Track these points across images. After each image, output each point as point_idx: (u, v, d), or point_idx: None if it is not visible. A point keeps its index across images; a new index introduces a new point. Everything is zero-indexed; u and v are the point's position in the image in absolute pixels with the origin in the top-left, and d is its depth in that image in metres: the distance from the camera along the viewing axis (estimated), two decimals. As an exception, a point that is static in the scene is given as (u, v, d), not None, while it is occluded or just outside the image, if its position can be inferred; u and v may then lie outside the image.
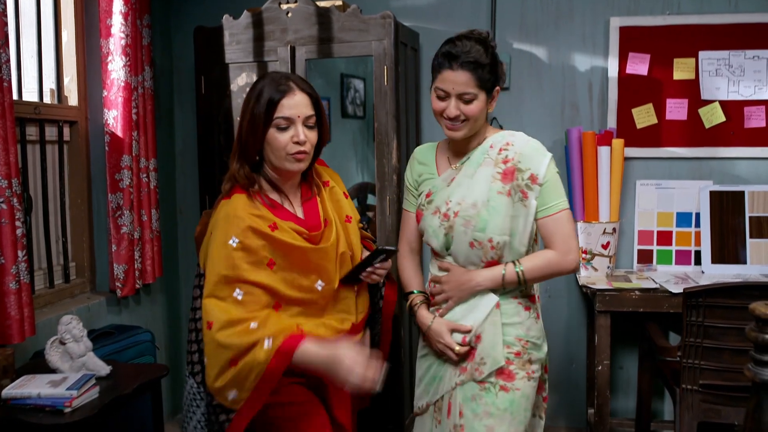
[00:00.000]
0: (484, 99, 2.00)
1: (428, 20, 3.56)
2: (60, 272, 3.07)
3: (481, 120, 2.04)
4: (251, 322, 1.80)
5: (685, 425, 2.66)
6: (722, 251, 3.31)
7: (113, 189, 3.11)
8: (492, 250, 1.99)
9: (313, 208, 2.04)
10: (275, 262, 1.87)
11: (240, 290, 1.82)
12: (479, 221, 1.98)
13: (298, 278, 1.90)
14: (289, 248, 1.88)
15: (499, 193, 1.98)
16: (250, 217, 1.86)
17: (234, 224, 1.85)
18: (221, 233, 1.86)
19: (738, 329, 2.50)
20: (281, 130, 1.89)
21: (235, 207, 1.88)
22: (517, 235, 1.99)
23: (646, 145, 3.42)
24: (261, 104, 1.89)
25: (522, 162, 1.98)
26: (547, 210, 1.98)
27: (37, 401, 2.20)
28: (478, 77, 1.96)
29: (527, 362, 2.02)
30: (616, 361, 3.54)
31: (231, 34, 3.27)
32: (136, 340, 2.99)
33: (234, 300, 1.82)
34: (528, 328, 2.04)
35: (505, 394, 1.99)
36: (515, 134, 2.06)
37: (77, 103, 3.12)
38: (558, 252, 1.98)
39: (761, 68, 3.32)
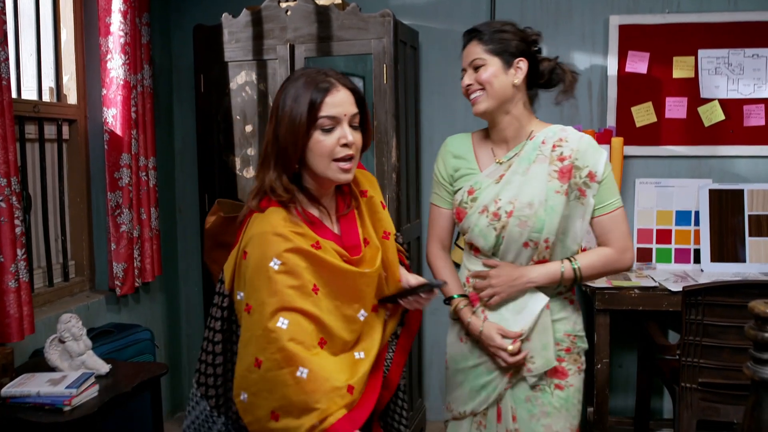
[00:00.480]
0: (499, 65, 1.92)
1: (428, 19, 3.56)
2: (59, 271, 3.07)
3: (503, 88, 1.93)
4: (299, 366, 1.55)
5: (685, 423, 2.66)
6: (721, 250, 3.31)
7: (112, 187, 3.11)
8: (546, 249, 1.94)
9: (352, 225, 1.78)
10: (319, 288, 1.62)
11: (285, 320, 1.56)
12: (536, 221, 1.90)
13: (342, 306, 1.66)
14: (334, 271, 1.63)
15: (557, 192, 1.90)
16: (292, 234, 1.61)
17: (274, 243, 1.60)
18: (259, 254, 1.60)
19: (737, 327, 2.50)
20: (326, 132, 1.65)
21: (274, 223, 1.63)
22: (571, 234, 1.95)
23: (646, 144, 3.42)
24: (300, 104, 1.64)
25: (579, 159, 1.91)
26: (604, 208, 1.94)
27: (36, 400, 2.20)
28: (486, 41, 1.93)
29: (577, 356, 2.01)
30: (615, 359, 3.54)
31: (230, 33, 3.27)
32: (135, 339, 2.99)
33: (277, 334, 1.55)
34: (574, 322, 2.02)
35: (560, 392, 1.98)
36: (566, 129, 1.98)
37: (76, 102, 3.12)
38: (615, 249, 1.95)
39: (760, 66, 3.32)
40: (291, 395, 1.54)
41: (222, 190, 3.39)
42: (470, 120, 3.56)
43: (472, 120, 3.54)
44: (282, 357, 1.54)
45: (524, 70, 1.94)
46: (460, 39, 3.68)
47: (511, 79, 1.94)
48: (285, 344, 1.54)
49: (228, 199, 2.08)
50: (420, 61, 3.57)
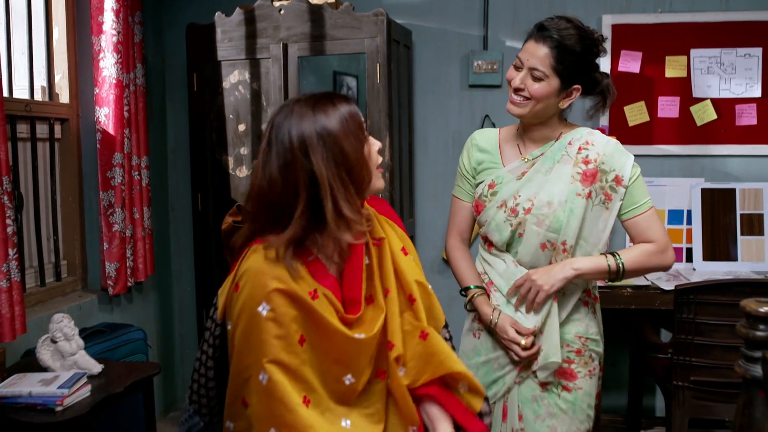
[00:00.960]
0: (556, 86, 1.86)
1: (421, 18, 3.56)
2: (51, 270, 3.06)
3: (546, 108, 1.90)
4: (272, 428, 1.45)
5: (677, 421, 2.67)
6: (713, 248, 3.32)
7: (105, 187, 3.10)
8: (564, 253, 1.92)
9: (356, 275, 1.55)
10: (306, 340, 1.48)
11: (265, 374, 1.44)
12: (554, 221, 1.88)
13: (328, 366, 1.51)
14: (325, 328, 1.48)
15: (578, 195, 1.88)
16: (290, 277, 1.46)
17: (265, 285, 1.45)
18: (249, 293, 1.47)
19: (729, 326, 2.51)
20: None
21: (269, 264, 1.47)
22: (592, 240, 1.93)
23: (638, 143, 3.43)
24: (356, 121, 1.51)
25: (605, 163, 1.89)
26: (638, 208, 1.92)
27: (28, 400, 2.19)
28: (556, 58, 1.84)
29: (588, 360, 1.97)
30: (607, 358, 3.54)
31: (223, 32, 3.26)
32: (128, 339, 2.98)
33: (258, 387, 1.45)
34: (587, 325, 1.99)
35: (567, 393, 1.95)
36: (594, 132, 1.95)
37: (68, 101, 3.11)
38: (656, 246, 1.92)
39: (752, 66, 3.33)
40: None
41: (215, 189, 3.38)
42: (463, 120, 3.57)
43: (466, 119, 3.56)
44: (259, 412, 1.46)
45: (575, 97, 1.92)
46: (454, 38, 3.70)
47: (560, 101, 1.92)
48: (264, 400, 1.45)
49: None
50: (413, 60, 3.57)
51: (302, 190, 1.44)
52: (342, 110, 1.49)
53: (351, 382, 1.52)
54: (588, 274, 1.92)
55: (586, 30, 1.89)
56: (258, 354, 1.45)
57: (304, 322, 1.47)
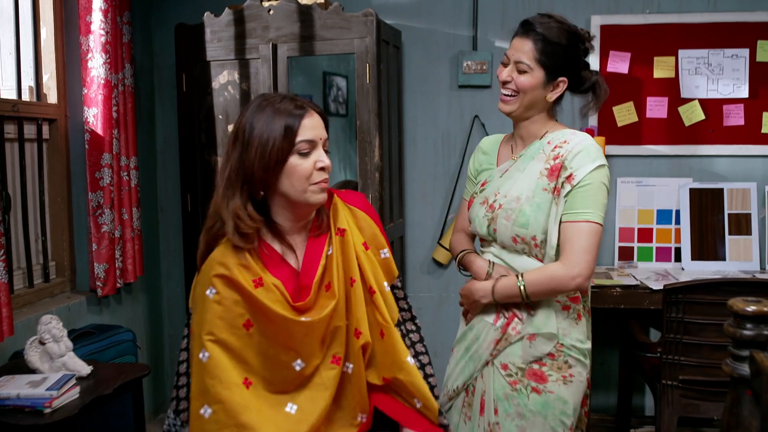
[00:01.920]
0: (541, 77, 1.90)
1: (410, 18, 3.57)
2: (39, 272, 3.04)
3: (534, 101, 1.93)
4: (205, 405, 1.55)
5: (665, 420, 2.68)
6: (702, 248, 3.34)
7: (93, 187, 3.08)
8: (536, 248, 1.91)
9: (314, 262, 1.67)
10: (253, 324, 1.58)
11: (206, 352, 1.55)
12: (520, 216, 1.89)
13: (274, 349, 1.60)
14: (267, 314, 1.58)
15: (544, 189, 1.88)
16: (234, 265, 1.58)
17: (213, 271, 1.59)
18: (202, 279, 1.62)
19: (717, 325, 2.52)
20: (303, 156, 1.60)
21: (222, 251, 1.61)
22: (550, 236, 1.89)
23: (627, 143, 3.45)
24: (275, 128, 1.58)
25: (568, 160, 1.86)
26: (571, 215, 1.84)
27: (16, 402, 2.18)
28: (539, 50, 1.88)
29: (563, 365, 1.92)
30: (597, 357, 3.55)
31: (212, 32, 3.25)
32: (117, 340, 2.97)
33: (198, 363, 1.56)
34: (565, 330, 1.93)
35: (536, 396, 1.92)
36: (577, 134, 1.94)
37: (56, 101, 3.09)
38: (563, 264, 1.84)
39: (740, 67, 3.36)
40: (195, 429, 1.55)
41: (204, 189, 3.37)
42: (453, 120, 3.57)
43: (455, 120, 3.56)
44: (196, 389, 1.56)
45: (561, 90, 1.94)
46: (443, 39, 3.71)
47: (546, 94, 1.93)
48: (201, 377, 1.55)
49: None
50: (403, 60, 3.57)
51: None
52: (278, 115, 1.59)
53: (301, 367, 1.61)
54: (500, 300, 1.93)
55: (569, 25, 1.92)
56: (201, 332, 1.56)
57: (250, 308, 1.57)
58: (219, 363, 1.55)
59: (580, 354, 1.95)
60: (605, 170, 1.87)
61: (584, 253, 1.82)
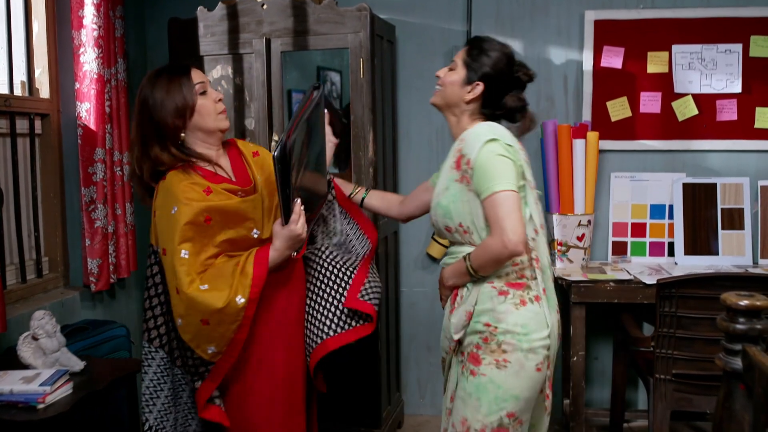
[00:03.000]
0: (463, 75, 2.09)
1: (404, 13, 3.56)
2: (32, 267, 3.03)
3: (453, 96, 2.11)
4: (199, 285, 1.98)
5: (659, 414, 2.70)
6: (695, 243, 3.36)
7: (86, 183, 3.07)
8: (466, 234, 2.03)
9: (244, 171, 2.24)
10: (212, 218, 2.03)
11: (185, 251, 1.99)
12: (439, 208, 2.07)
13: (236, 229, 2.09)
14: (223, 208, 2.05)
15: (456, 180, 2.03)
16: (186, 185, 2.04)
17: (172, 195, 2.03)
18: (162, 208, 2.05)
19: (710, 319, 2.53)
20: (203, 96, 2.12)
21: (171, 182, 2.06)
22: (477, 221, 2.00)
23: (621, 138, 3.46)
24: (177, 83, 2.10)
25: (464, 148, 2.02)
26: (482, 194, 1.95)
27: (9, 398, 2.17)
28: (467, 52, 2.11)
29: (497, 348, 1.96)
30: (591, 352, 3.58)
31: (206, 26, 3.24)
32: (110, 335, 2.96)
33: (181, 261, 1.99)
34: (500, 315, 1.97)
35: (472, 377, 1.99)
36: (481, 124, 2.08)
37: (49, 96, 3.08)
38: (493, 236, 1.92)
39: (733, 62, 3.36)
40: (204, 300, 1.96)
41: (198, 185, 3.36)
42: (447, 114, 3.57)
43: (449, 114, 3.55)
44: (188, 280, 1.97)
45: (476, 94, 2.08)
46: (437, 33, 3.71)
47: (464, 94, 2.10)
48: (188, 268, 1.98)
49: None
50: (397, 55, 3.57)
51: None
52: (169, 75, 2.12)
53: (258, 234, 2.14)
54: (459, 281, 2.07)
55: (509, 50, 2.14)
56: (178, 240, 1.99)
57: (207, 209, 2.02)
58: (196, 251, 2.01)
59: (521, 341, 1.96)
60: (495, 143, 1.97)
61: (503, 220, 1.90)
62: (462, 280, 2.05)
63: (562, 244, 3.28)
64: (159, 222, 2.08)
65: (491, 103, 2.11)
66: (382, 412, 3.26)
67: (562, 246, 3.28)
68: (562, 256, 3.29)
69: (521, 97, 2.14)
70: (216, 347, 2.03)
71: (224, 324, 2.00)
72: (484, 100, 2.10)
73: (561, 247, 3.29)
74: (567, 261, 3.29)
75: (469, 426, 1.98)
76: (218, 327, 2.00)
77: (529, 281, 2.02)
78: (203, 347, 2.03)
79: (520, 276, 2.01)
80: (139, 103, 2.14)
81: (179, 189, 2.04)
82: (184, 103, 2.09)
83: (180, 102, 2.09)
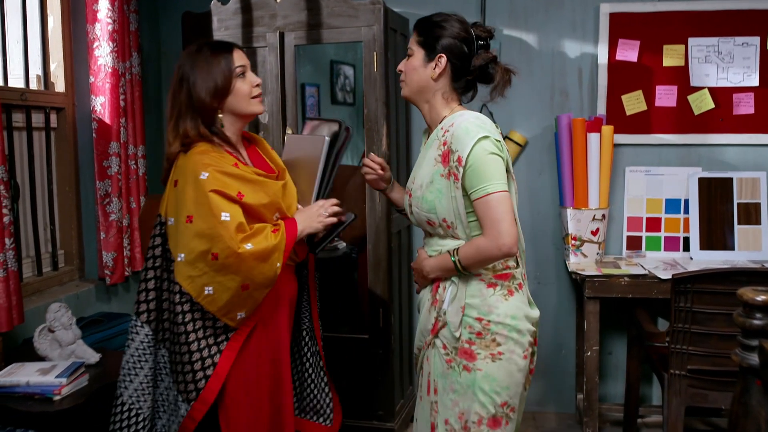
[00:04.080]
0: (421, 57, 2.03)
1: (418, 6, 3.55)
2: (48, 260, 3.05)
3: (420, 81, 2.04)
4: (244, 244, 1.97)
5: (673, 410, 2.68)
6: (710, 237, 3.33)
7: (101, 176, 3.09)
8: (449, 229, 1.99)
9: (262, 160, 2.25)
10: (243, 194, 2.02)
11: (227, 213, 1.97)
12: (423, 203, 2.01)
13: (262, 210, 2.07)
14: (253, 182, 2.06)
15: (442, 176, 1.97)
16: (215, 156, 2.04)
17: (199, 162, 2.00)
18: (190, 175, 2.00)
19: (725, 315, 2.52)
20: (241, 78, 2.11)
21: (199, 150, 2.04)
22: (461, 217, 1.97)
23: (636, 132, 3.43)
24: (217, 62, 2.08)
25: (453, 144, 1.94)
26: (474, 193, 1.92)
27: (26, 389, 2.19)
28: (418, 32, 2.05)
29: (491, 343, 1.96)
30: (605, 346, 3.56)
31: (219, 20, 3.24)
32: (125, 328, 2.98)
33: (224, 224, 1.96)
34: (491, 307, 1.97)
35: (466, 373, 1.98)
36: (464, 114, 2.00)
37: (64, 90, 3.10)
38: (486, 237, 1.91)
39: (750, 55, 3.33)
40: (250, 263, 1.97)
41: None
42: (461, 108, 3.55)
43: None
44: (237, 240, 1.96)
45: (442, 67, 2.01)
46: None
47: (429, 73, 2.03)
48: (233, 231, 1.95)
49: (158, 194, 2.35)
50: (410, 48, 3.56)
51: None
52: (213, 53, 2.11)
53: (278, 217, 2.13)
54: (440, 275, 2.04)
55: (455, 15, 2.08)
56: (203, 206, 1.96)
57: (236, 180, 2.02)
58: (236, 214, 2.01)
59: (512, 331, 1.98)
60: (487, 141, 1.93)
61: (499, 222, 1.89)
62: (447, 274, 2.02)
63: (576, 239, 3.27)
64: (183, 189, 2.02)
65: (460, 72, 2.04)
66: (396, 406, 3.27)
67: (576, 240, 3.27)
68: (576, 250, 3.28)
69: (488, 53, 2.05)
70: (246, 312, 2.04)
71: (261, 288, 2.02)
72: (453, 73, 2.03)
73: (575, 242, 3.27)
74: (581, 255, 3.28)
75: (467, 420, 1.99)
76: (254, 292, 2.02)
77: (513, 270, 2.03)
78: (233, 314, 2.02)
79: (505, 267, 2.01)
80: (177, 77, 2.12)
81: (209, 158, 2.02)
82: (221, 83, 2.08)
83: (219, 81, 2.07)
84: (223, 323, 2.03)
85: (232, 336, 2.06)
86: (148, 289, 2.11)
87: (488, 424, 1.98)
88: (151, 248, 2.11)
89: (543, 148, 3.50)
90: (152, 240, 2.11)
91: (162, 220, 2.09)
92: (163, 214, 2.09)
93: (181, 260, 2.00)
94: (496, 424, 1.99)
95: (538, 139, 3.53)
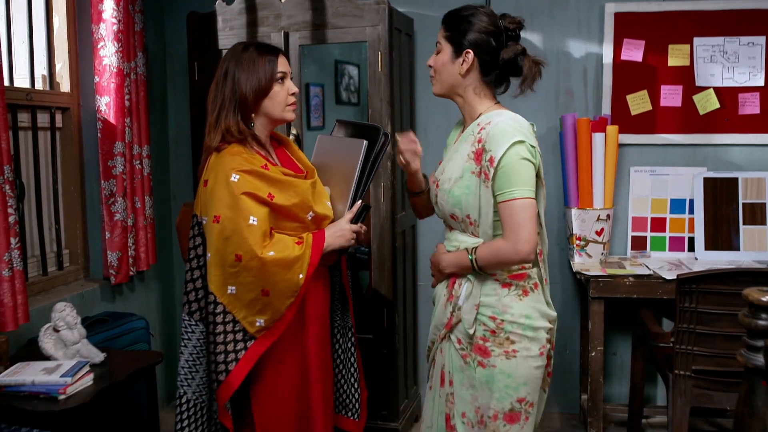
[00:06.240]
0: (450, 53, 2.04)
1: (423, 6, 3.54)
2: (53, 259, 3.06)
3: (450, 77, 2.06)
4: (268, 251, 2.05)
5: (678, 410, 2.68)
6: (716, 238, 3.32)
7: (106, 176, 3.10)
8: (471, 226, 2.00)
9: (290, 160, 2.33)
10: (274, 195, 2.09)
11: (254, 218, 2.05)
12: (450, 197, 2.01)
13: (294, 209, 2.14)
14: (282, 183, 2.13)
15: (473, 173, 1.97)
16: (244, 159, 2.10)
17: (231, 164, 2.08)
18: (220, 176, 2.08)
19: (731, 315, 2.51)
20: (280, 84, 2.19)
21: (231, 152, 2.12)
22: (484, 217, 1.97)
23: (641, 132, 3.42)
24: (262, 62, 2.16)
25: (488, 143, 1.94)
26: (501, 196, 1.92)
27: (31, 388, 2.20)
28: (446, 27, 2.06)
29: (505, 341, 1.97)
30: (609, 347, 3.56)
31: (224, 20, 3.25)
32: (130, 327, 2.99)
33: (251, 228, 2.04)
34: (505, 307, 1.99)
35: (482, 369, 1.99)
36: (502, 113, 2.01)
37: (69, 90, 3.10)
38: (506, 241, 1.92)
39: (756, 55, 3.32)
40: (271, 269, 2.04)
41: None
42: (465, 108, 3.55)
43: (467, 108, 3.54)
44: (261, 245, 2.03)
45: (469, 63, 2.02)
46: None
47: (457, 69, 2.04)
48: (259, 236, 2.04)
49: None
50: (415, 48, 3.56)
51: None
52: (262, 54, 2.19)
53: (312, 216, 2.20)
54: (455, 271, 2.05)
55: (483, 7, 2.07)
56: (232, 209, 2.03)
57: (267, 184, 2.09)
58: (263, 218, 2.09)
59: (527, 330, 1.99)
60: (522, 146, 1.93)
61: (520, 228, 1.90)
62: (463, 271, 2.03)
63: (580, 239, 3.26)
64: (213, 189, 2.09)
65: (489, 66, 2.03)
66: (400, 406, 3.27)
67: (581, 240, 3.26)
68: (581, 250, 3.27)
69: (517, 45, 2.04)
70: (266, 321, 2.09)
71: (282, 297, 2.07)
72: (482, 68, 2.03)
73: (580, 242, 3.27)
74: (586, 255, 3.27)
75: (483, 414, 2.01)
76: (275, 300, 2.07)
77: (528, 271, 2.03)
78: (251, 318, 2.08)
79: (521, 267, 2.01)
80: (221, 72, 2.20)
81: (241, 159, 2.10)
82: (264, 83, 2.16)
83: (262, 80, 2.16)
84: (242, 327, 2.10)
85: (251, 346, 2.12)
86: (196, 288, 2.19)
87: (504, 419, 1.99)
88: (192, 248, 2.19)
89: (548, 147, 3.50)
90: (192, 240, 2.20)
91: (198, 219, 2.18)
92: (198, 214, 2.18)
93: (209, 258, 2.10)
94: (513, 420, 2.00)
95: (542, 138, 3.53)
